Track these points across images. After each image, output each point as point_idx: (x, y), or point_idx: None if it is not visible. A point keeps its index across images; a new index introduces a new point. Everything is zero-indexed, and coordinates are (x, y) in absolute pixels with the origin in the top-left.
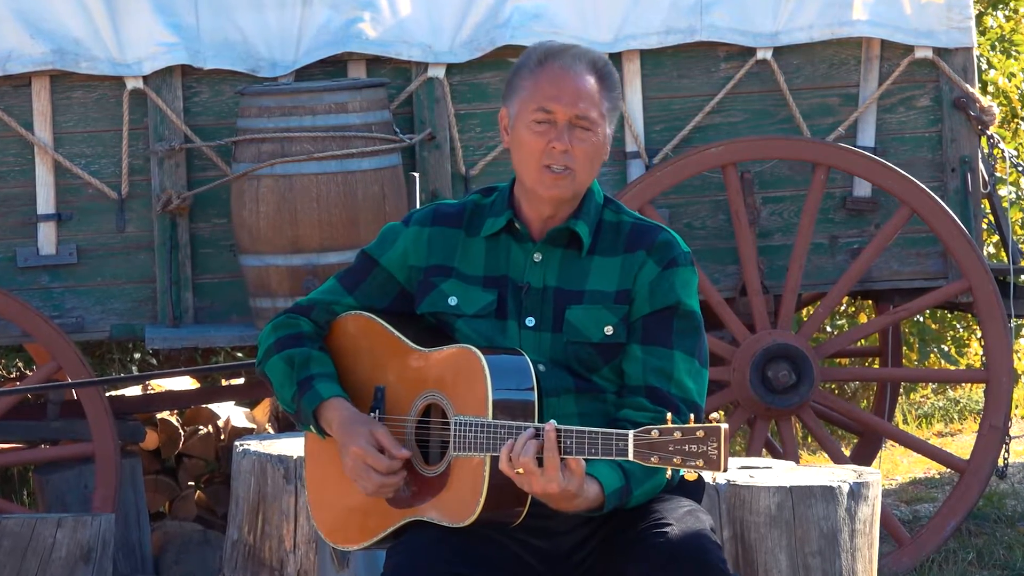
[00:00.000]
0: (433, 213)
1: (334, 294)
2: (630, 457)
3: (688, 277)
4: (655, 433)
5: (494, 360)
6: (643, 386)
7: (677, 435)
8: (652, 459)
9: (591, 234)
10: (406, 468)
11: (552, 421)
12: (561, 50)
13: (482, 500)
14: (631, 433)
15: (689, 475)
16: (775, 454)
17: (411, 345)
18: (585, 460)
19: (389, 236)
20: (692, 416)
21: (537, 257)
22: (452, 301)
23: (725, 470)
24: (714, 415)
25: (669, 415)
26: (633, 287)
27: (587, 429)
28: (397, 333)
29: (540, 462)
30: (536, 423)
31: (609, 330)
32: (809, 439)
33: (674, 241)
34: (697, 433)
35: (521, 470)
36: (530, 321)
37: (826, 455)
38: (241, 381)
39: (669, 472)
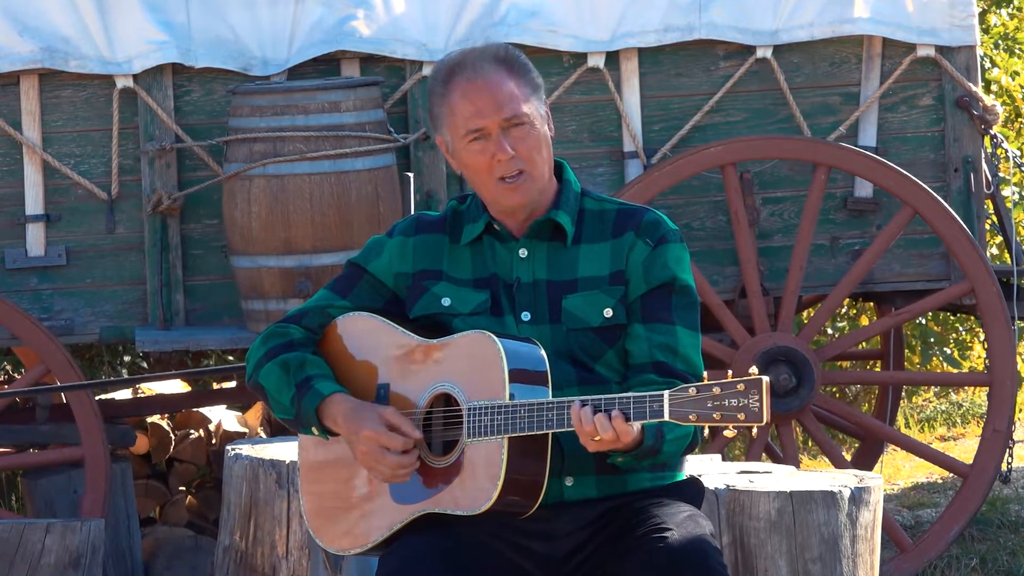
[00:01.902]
0: (415, 223)
1: (327, 299)
2: (665, 417)
3: (679, 253)
4: (692, 391)
5: (508, 344)
6: (650, 362)
7: (716, 390)
8: (690, 417)
9: (573, 223)
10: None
11: (576, 399)
12: (459, 60)
13: (500, 484)
14: (666, 392)
15: (728, 432)
16: (775, 459)
17: (416, 338)
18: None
19: (375, 247)
20: None
21: (523, 253)
22: (446, 302)
23: (769, 423)
24: (752, 368)
25: (706, 374)
26: (626, 268)
27: (616, 395)
28: (400, 328)
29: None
30: (555, 398)
31: (608, 312)
32: (810, 443)
33: (661, 220)
34: (737, 386)
35: (599, 437)
36: (525, 316)
37: (827, 459)
38: (233, 384)
39: (707, 431)
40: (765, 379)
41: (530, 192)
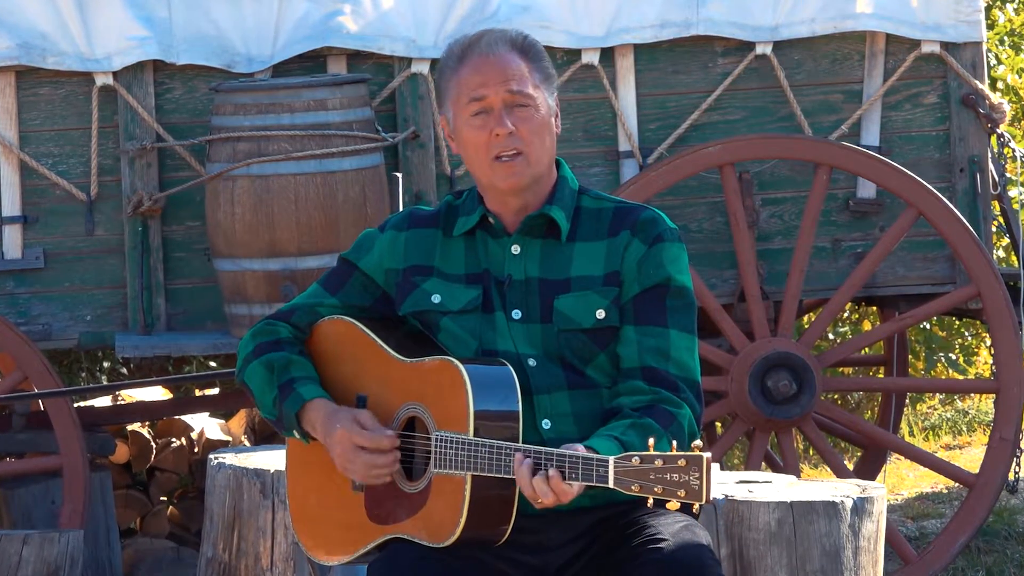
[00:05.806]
0: (409, 217)
1: (316, 296)
2: (610, 484)
3: (676, 252)
4: (636, 460)
5: (477, 374)
6: (639, 367)
7: (658, 463)
8: (633, 487)
9: (568, 219)
10: (390, 477)
11: (520, 452)
12: (476, 39)
13: (462, 521)
14: (611, 459)
15: (671, 504)
16: (775, 468)
17: (393, 354)
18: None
19: (365, 243)
20: (692, 394)
21: (515, 249)
22: (436, 299)
23: (708, 502)
24: (697, 442)
25: (652, 440)
26: (621, 268)
27: (567, 453)
28: (379, 341)
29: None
30: (520, 445)
31: (601, 314)
32: (811, 452)
33: (659, 218)
34: (679, 462)
35: (542, 500)
36: (516, 314)
37: (828, 469)
38: (216, 391)
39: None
40: (706, 456)
41: (525, 176)
